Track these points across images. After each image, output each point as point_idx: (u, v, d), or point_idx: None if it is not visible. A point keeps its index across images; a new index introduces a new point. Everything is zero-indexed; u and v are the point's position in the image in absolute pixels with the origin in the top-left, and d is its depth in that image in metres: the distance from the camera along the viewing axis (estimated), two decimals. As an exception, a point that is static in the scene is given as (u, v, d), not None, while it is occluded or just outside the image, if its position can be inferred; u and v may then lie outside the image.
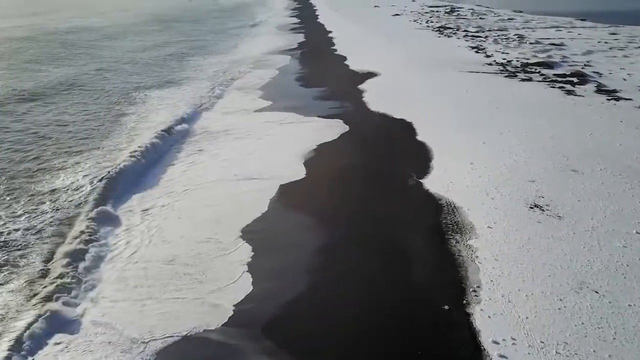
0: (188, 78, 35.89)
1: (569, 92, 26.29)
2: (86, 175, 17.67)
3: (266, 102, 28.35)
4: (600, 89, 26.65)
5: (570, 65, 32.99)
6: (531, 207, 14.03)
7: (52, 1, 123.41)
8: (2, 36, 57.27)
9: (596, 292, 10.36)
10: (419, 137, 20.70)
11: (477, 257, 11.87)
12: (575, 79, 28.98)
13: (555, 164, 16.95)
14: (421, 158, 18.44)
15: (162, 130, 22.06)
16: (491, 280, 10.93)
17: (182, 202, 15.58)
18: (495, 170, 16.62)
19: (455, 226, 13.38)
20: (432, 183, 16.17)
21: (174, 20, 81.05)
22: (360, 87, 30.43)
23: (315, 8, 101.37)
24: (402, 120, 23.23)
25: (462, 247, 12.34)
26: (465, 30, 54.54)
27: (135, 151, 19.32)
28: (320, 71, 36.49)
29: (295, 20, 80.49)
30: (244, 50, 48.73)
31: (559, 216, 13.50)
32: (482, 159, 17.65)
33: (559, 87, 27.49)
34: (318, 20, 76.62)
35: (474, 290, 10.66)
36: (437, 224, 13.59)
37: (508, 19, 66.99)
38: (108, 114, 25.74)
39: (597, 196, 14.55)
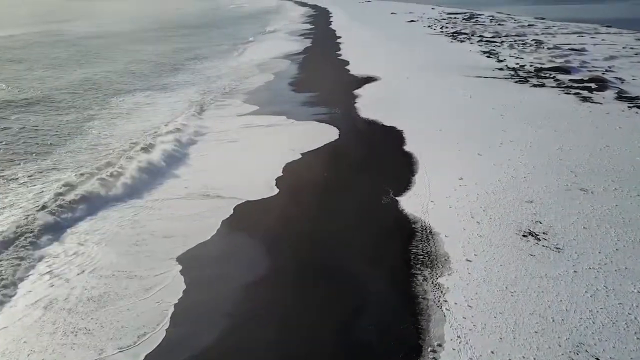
0: (180, 83, 33.95)
1: (585, 99, 23.35)
2: (16, 188, 15.62)
3: (252, 106, 26.14)
4: (621, 96, 23.64)
5: (589, 71, 29.93)
6: (524, 235, 11.34)
7: (79, 9, 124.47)
8: (10, 42, 56.70)
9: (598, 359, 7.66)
10: (407, 147, 18.13)
11: (445, 301, 9.25)
12: (593, 85, 25.95)
13: (561, 181, 14.18)
14: (404, 171, 15.88)
15: (130, 139, 19.99)
16: (458, 337, 8.31)
17: (110, 225, 13.11)
18: (487, 188, 13.94)
19: (427, 258, 10.77)
20: (409, 202, 13.58)
21: (189, 27, 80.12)
22: (356, 92, 28.01)
23: (330, 15, 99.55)
24: (392, 128, 20.68)
25: (429, 287, 9.73)
26: (480, 36, 51.65)
27: (84, 163, 17.15)
28: (318, 76, 34.11)
29: (309, 26, 78.66)
30: (247, 55, 46.82)
31: (557, 248, 10.78)
32: (474, 174, 14.99)
33: (575, 94, 24.55)
34: (330, 26, 74.55)
35: (433, 351, 8.06)
36: (405, 254, 11.00)
37: (528, 25, 63.75)
38: (76, 121, 23.69)
39: (609, 222, 11.77)
